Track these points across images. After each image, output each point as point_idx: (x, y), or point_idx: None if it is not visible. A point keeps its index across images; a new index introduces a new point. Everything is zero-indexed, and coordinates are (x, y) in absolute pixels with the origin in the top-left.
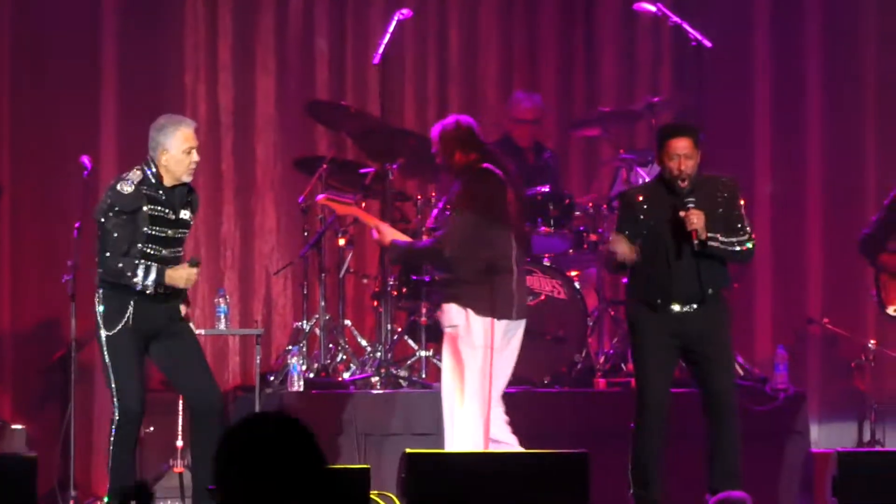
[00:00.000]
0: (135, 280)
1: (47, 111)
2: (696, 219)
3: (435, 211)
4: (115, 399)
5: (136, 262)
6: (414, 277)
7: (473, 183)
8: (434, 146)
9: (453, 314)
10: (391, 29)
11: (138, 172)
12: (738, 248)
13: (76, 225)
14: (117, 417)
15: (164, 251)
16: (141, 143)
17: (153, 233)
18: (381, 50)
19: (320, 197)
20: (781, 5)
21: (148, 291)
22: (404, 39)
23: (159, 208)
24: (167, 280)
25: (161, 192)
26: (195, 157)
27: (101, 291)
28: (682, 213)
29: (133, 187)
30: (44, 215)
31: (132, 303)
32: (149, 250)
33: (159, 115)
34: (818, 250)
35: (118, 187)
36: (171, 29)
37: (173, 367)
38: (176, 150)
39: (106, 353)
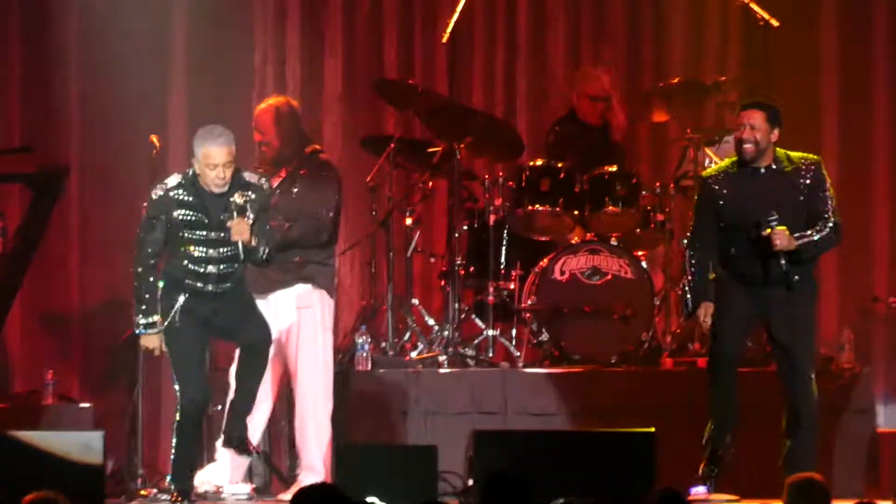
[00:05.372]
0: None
1: (115, 91)
2: (779, 240)
3: None
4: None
5: (146, 296)
6: None
7: (330, 168)
8: (267, 128)
9: (309, 295)
10: (460, 7)
11: (176, 176)
12: (817, 238)
13: (144, 204)
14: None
15: (210, 251)
16: (209, 123)
17: (191, 236)
18: (449, 28)
19: None
20: None
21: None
22: (472, 17)
23: (191, 212)
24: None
25: (195, 196)
26: (220, 173)
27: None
28: (765, 234)
29: (162, 192)
30: (112, 194)
31: (182, 298)
32: (193, 252)
33: (226, 95)
34: (884, 229)
35: (150, 192)
36: (239, 10)
37: None
38: (199, 164)
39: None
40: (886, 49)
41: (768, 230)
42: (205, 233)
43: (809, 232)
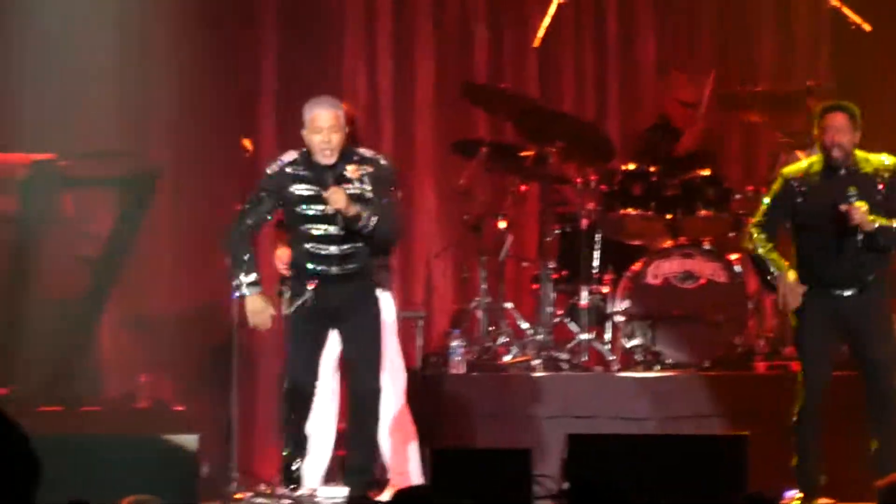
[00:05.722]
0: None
1: (207, 95)
2: (858, 215)
3: None
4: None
5: (245, 257)
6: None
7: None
8: (348, 122)
9: (386, 301)
10: (552, 11)
11: (292, 153)
12: (895, 227)
13: (237, 207)
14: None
15: (329, 228)
16: (300, 125)
17: (308, 213)
18: (541, 33)
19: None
20: None
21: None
22: (562, 21)
23: (307, 186)
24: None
25: (309, 170)
26: (325, 137)
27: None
28: (843, 208)
29: (278, 168)
30: (203, 197)
31: (311, 287)
32: (313, 231)
33: None
34: None
35: (267, 168)
36: (330, 13)
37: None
38: (306, 130)
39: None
40: None
41: (846, 205)
42: (322, 207)
43: (887, 221)
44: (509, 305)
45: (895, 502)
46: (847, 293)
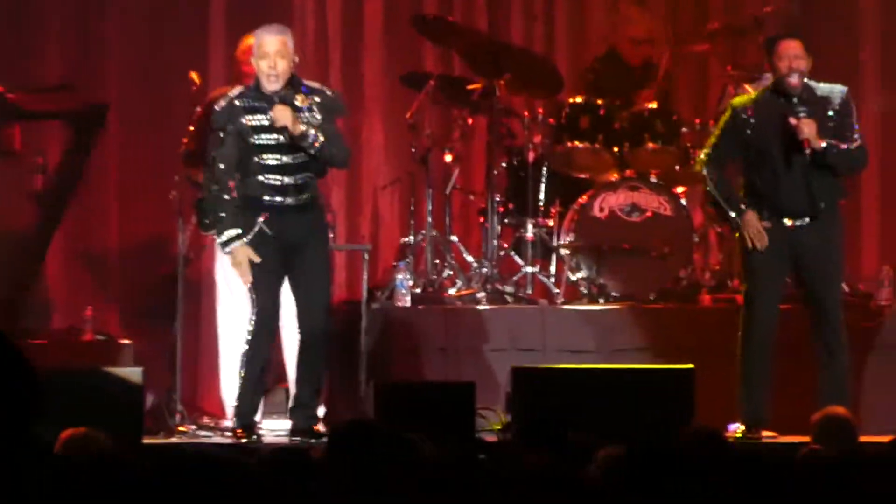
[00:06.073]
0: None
1: (154, 27)
2: (807, 128)
3: None
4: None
5: (222, 215)
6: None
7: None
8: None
9: None
10: None
11: (239, 87)
12: (843, 147)
13: (183, 140)
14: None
15: (284, 158)
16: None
17: (261, 143)
18: None
19: None
20: None
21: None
22: None
23: (259, 117)
24: None
25: (259, 100)
26: (270, 62)
27: None
28: (792, 121)
29: (226, 102)
30: (151, 131)
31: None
32: (267, 161)
33: None
34: None
35: (215, 105)
36: None
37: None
38: (254, 57)
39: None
40: None
41: (795, 119)
42: (275, 136)
43: (836, 142)
44: (455, 238)
45: (829, 435)
46: (799, 223)
